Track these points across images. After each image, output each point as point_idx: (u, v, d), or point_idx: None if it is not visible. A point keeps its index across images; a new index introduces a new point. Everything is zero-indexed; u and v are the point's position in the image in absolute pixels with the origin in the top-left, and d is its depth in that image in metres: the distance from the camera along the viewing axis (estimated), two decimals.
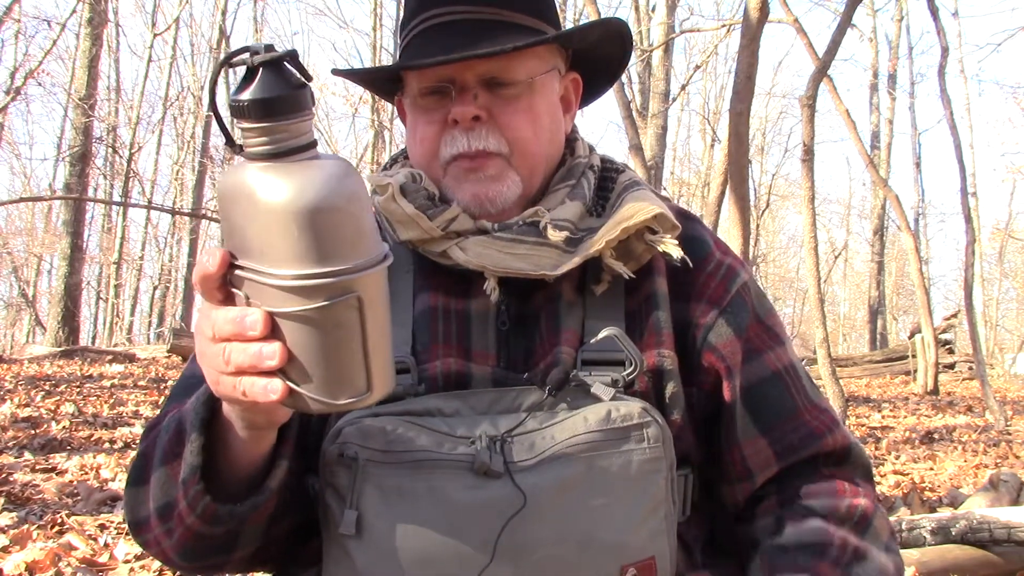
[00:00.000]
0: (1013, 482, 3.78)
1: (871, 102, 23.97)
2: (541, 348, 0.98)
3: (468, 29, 0.98)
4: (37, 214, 25.15)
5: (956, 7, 21.39)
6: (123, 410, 6.71)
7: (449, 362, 0.96)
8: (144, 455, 0.92)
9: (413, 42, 1.01)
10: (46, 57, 14.75)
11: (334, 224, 0.59)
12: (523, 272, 0.95)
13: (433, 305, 0.99)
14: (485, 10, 0.99)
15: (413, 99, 1.02)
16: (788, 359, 1.06)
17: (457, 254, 0.96)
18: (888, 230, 23.88)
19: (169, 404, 0.99)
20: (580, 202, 1.01)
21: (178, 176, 23.78)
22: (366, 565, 0.86)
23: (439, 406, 0.91)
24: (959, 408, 9.63)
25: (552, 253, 0.96)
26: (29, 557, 2.62)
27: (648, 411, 0.92)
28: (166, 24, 22.21)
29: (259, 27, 26.73)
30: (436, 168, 1.01)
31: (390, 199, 0.98)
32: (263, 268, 0.60)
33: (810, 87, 7.03)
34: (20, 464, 4.37)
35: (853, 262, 32.55)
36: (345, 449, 0.88)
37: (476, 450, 0.87)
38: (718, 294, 1.04)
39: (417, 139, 1.02)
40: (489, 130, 0.98)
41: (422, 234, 0.97)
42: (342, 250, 0.59)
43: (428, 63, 0.96)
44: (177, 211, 20.08)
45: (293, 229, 0.58)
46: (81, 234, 15.73)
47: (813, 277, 7.18)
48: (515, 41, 0.96)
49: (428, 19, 1.00)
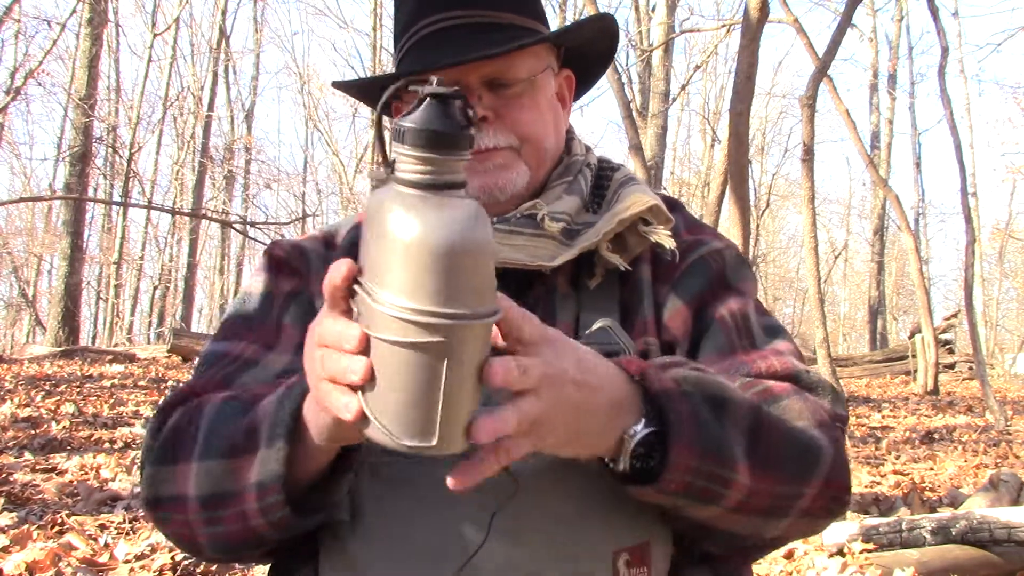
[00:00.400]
0: (1013, 482, 3.78)
1: (871, 102, 23.99)
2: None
3: (466, 33, 1.00)
4: (37, 214, 25.18)
5: (956, 7, 21.44)
6: (123, 410, 6.71)
7: None
8: (177, 433, 0.91)
9: (412, 49, 1.03)
10: (46, 57, 14.74)
11: (460, 268, 0.59)
12: (520, 263, 0.96)
13: None
14: (479, 13, 1.01)
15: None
16: (740, 307, 1.02)
17: None
18: (888, 230, 23.89)
19: (197, 377, 1.00)
20: (577, 197, 1.03)
21: (178, 176, 23.78)
22: (359, 551, 0.87)
23: None
24: (959, 408, 9.64)
25: (549, 245, 0.98)
26: (29, 557, 2.62)
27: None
28: (166, 24, 22.22)
29: (259, 27, 26.77)
30: None
31: None
32: (377, 290, 0.60)
33: (810, 87, 7.03)
34: (20, 464, 4.37)
35: (853, 262, 32.56)
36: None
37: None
38: (671, 271, 1.03)
39: None
40: (497, 129, 1.00)
41: None
42: (459, 295, 0.59)
43: (434, 67, 0.97)
44: (177, 211, 20.07)
45: (421, 262, 0.58)
46: (81, 234, 15.74)
47: (813, 277, 7.18)
48: (511, 43, 0.98)
49: (425, 26, 1.02)
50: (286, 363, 0.99)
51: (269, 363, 0.99)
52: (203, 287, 28.96)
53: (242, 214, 25.32)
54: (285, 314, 1.03)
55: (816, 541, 2.98)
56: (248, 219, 20.33)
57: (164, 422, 0.94)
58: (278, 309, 1.04)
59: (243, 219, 20.74)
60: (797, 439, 0.85)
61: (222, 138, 25.85)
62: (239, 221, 19.87)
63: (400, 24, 1.05)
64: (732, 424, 0.80)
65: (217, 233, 26.29)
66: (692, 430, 0.77)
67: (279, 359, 1.00)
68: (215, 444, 0.86)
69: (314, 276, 1.04)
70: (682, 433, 0.77)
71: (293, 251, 1.08)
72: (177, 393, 0.98)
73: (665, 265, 1.03)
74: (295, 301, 1.04)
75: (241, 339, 1.02)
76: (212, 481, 0.85)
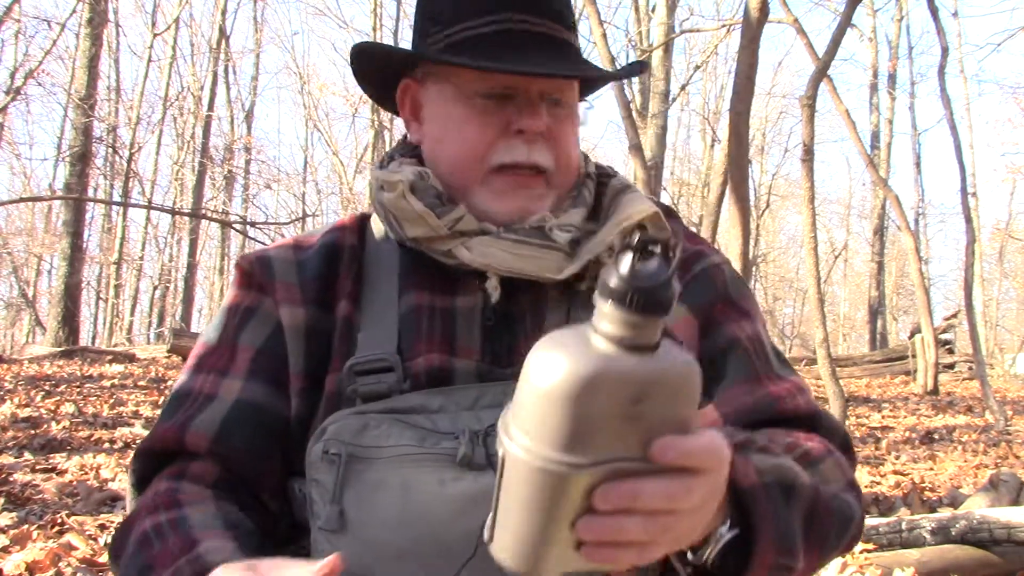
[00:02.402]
0: (1013, 482, 3.78)
1: (871, 102, 23.99)
2: (525, 344, 0.96)
3: (544, 42, 0.99)
4: (37, 214, 25.18)
5: (956, 7, 21.39)
6: (123, 410, 6.71)
7: (432, 358, 0.96)
8: (117, 538, 0.95)
9: (480, 42, 0.98)
10: (46, 57, 14.76)
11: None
12: (527, 273, 0.96)
13: (419, 303, 1.00)
14: (551, 25, 1.00)
15: (467, 98, 0.99)
16: (753, 331, 1.03)
17: (462, 253, 0.97)
18: (888, 230, 23.88)
19: (162, 422, 1.01)
20: (583, 208, 1.03)
21: (178, 176, 23.77)
22: (350, 559, 0.86)
23: (423, 403, 0.93)
24: (959, 408, 9.64)
25: (556, 256, 0.97)
26: (29, 557, 2.62)
27: None
28: (166, 24, 22.21)
29: (259, 27, 26.76)
30: (473, 172, 1.00)
31: (400, 196, 0.98)
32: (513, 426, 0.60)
33: (810, 87, 7.03)
34: (20, 464, 4.37)
35: (853, 262, 32.56)
36: (329, 446, 0.89)
37: (459, 444, 0.88)
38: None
39: (462, 138, 0.99)
40: (546, 146, 0.99)
41: (429, 232, 0.98)
42: (580, 443, 0.57)
43: (524, 72, 0.96)
44: (177, 211, 20.06)
45: (550, 405, 0.57)
46: (81, 234, 15.73)
47: (813, 277, 7.18)
48: (579, 62, 1.01)
49: (497, 22, 0.98)
50: (238, 390, 1.00)
51: (224, 393, 1.00)
52: (203, 287, 28.97)
53: (242, 214, 25.32)
54: (241, 333, 1.03)
55: None
56: (248, 219, 20.34)
57: (143, 479, 1.00)
58: (235, 328, 1.04)
59: (243, 219, 20.75)
60: (838, 512, 0.87)
61: (222, 138, 25.85)
62: (239, 221, 19.88)
63: (449, 10, 1.01)
64: (798, 512, 0.81)
65: (217, 233, 26.30)
66: (774, 529, 0.77)
67: (232, 385, 1.00)
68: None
69: (278, 284, 1.03)
70: (766, 534, 0.77)
71: (256, 263, 1.06)
72: (146, 443, 1.01)
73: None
74: (253, 318, 1.03)
75: (201, 369, 1.03)
76: None
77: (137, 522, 0.93)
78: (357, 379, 0.95)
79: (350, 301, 1.01)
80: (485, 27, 0.98)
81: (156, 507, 0.93)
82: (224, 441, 0.98)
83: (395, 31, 22.99)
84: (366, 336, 0.99)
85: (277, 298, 1.02)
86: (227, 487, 0.98)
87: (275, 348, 1.01)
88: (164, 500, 0.94)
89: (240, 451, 0.98)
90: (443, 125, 1.01)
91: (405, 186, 0.98)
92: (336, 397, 0.97)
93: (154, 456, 1.01)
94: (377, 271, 1.03)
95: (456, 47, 0.99)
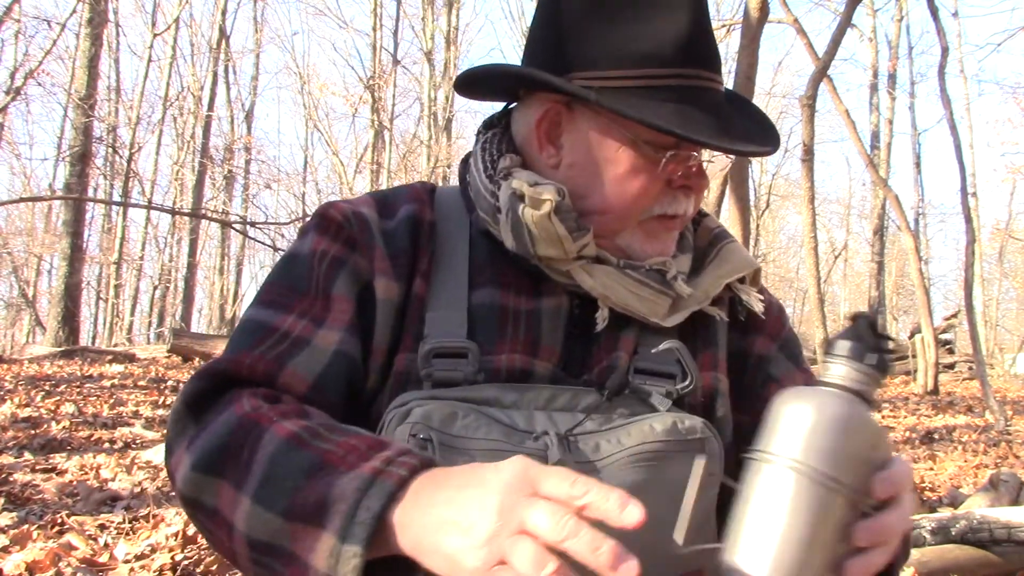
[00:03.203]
0: (1013, 482, 3.78)
1: (871, 102, 23.98)
2: (599, 352, 1.00)
3: (723, 101, 0.99)
4: (37, 214, 25.17)
5: (956, 7, 21.41)
6: (123, 410, 6.71)
7: (515, 358, 0.97)
8: (228, 449, 0.82)
9: (665, 94, 0.94)
10: (46, 57, 14.74)
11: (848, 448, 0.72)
12: (639, 314, 0.99)
13: (503, 303, 0.99)
14: (717, 79, 0.99)
15: (634, 144, 0.96)
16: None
17: (583, 278, 0.98)
18: (888, 230, 23.88)
19: (243, 348, 0.92)
20: (690, 253, 1.06)
21: (178, 176, 23.78)
22: None
23: (497, 396, 0.92)
24: (959, 408, 9.64)
25: (667, 302, 1.00)
26: (29, 557, 2.62)
27: (708, 427, 0.95)
28: (166, 24, 22.22)
29: (259, 27, 26.77)
30: (632, 218, 0.99)
31: (545, 217, 0.95)
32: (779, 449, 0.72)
33: (810, 87, 7.03)
34: (20, 464, 4.37)
35: (853, 262, 32.56)
36: (417, 431, 0.86)
37: (547, 445, 0.88)
38: (776, 329, 1.11)
39: (626, 187, 0.97)
40: (694, 199, 1.03)
41: (561, 254, 0.97)
42: (843, 467, 0.71)
43: (762, 151, 0.99)
44: (177, 211, 20.06)
45: (829, 433, 0.71)
46: (81, 234, 15.73)
47: (813, 277, 7.18)
48: (763, 125, 1.03)
49: (683, 76, 0.95)
50: (337, 342, 0.93)
51: (320, 342, 0.93)
52: (203, 287, 28.96)
53: (242, 214, 25.33)
54: (335, 282, 0.97)
55: None
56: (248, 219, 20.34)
57: (203, 395, 0.88)
58: (326, 276, 0.98)
59: (243, 219, 20.75)
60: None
61: (222, 138, 25.85)
62: (239, 221, 19.89)
63: (620, 49, 0.95)
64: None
65: (217, 233, 26.29)
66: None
67: (330, 336, 0.94)
68: (275, 495, 0.77)
69: (377, 250, 0.99)
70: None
71: (354, 218, 1.01)
72: (222, 364, 0.91)
73: (748, 316, 1.09)
74: (344, 269, 0.98)
75: (288, 310, 0.96)
76: (268, 532, 0.77)
77: (264, 423, 0.82)
78: (433, 361, 0.93)
79: (424, 279, 0.99)
80: (671, 79, 0.94)
81: (287, 414, 0.83)
82: (322, 391, 0.91)
83: (395, 31, 23.02)
84: (435, 317, 0.97)
85: (375, 266, 0.98)
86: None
87: (365, 309, 0.97)
88: (294, 409, 0.85)
89: (336, 406, 0.91)
90: (599, 164, 0.98)
91: (552, 207, 0.95)
92: (404, 377, 0.94)
93: (229, 380, 0.90)
94: (449, 252, 1.02)
95: (637, 95, 0.94)
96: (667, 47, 0.94)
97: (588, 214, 0.99)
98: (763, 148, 0.98)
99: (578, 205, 0.98)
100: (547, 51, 1.00)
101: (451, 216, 1.05)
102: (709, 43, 0.97)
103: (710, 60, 0.97)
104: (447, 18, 24.31)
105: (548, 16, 1.01)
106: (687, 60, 0.94)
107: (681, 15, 0.95)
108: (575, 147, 0.99)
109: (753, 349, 1.08)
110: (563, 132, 1.00)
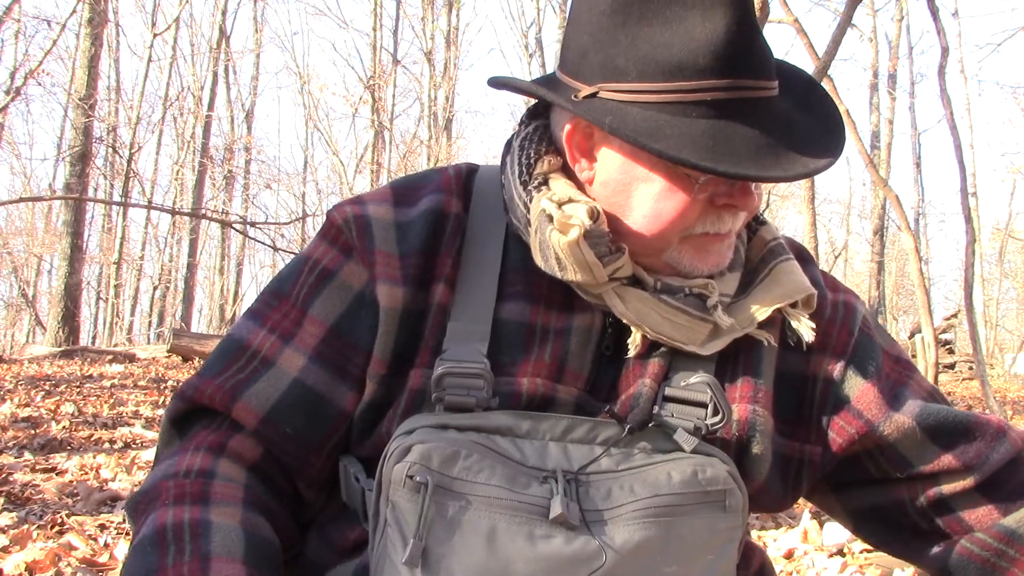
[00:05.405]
0: None
1: (871, 102, 23.98)
2: (626, 378, 0.94)
3: (776, 108, 0.87)
4: (37, 214, 25.16)
5: (956, 7, 21.35)
6: (123, 410, 6.71)
7: (536, 382, 0.91)
8: (139, 504, 0.93)
9: (701, 110, 0.84)
10: (46, 57, 14.71)
11: None
12: (675, 342, 0.91)
13: (532, 321, 0.93)
14: (767, 85, 0.87)
15: (672, 164, 0.87)
16: (929, 384, 1.05)
17: (615, 304, 0.90)
18: (888, 230, 23.88)
19: (213, 374, 0.95)
20: (739, 273, 0.97)
21: (178, 176, 23.77)
22: None
23: (510, 425, 0.86)
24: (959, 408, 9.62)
25: (706, 329, 0.92)
26: (29, 557, 2.62)
27: (733, 477, 0.87)
28: (166, 24, 22.19)
29: (259, 27, 26.75)
30: (672, 239, 0.91)
31: (574, 243, 0.87)
32: None
33: None
34: (20, 464, 4.37)
35: (853, 262, 32.55)
36: (413, 471, 0.82)
37: (551, 492, 0.82)
38: (842, 342, 0.99)
39: (665, 210, 0.89)
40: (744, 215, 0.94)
41: (591, 280, 0.89)
42: None
43: (789, 178, 0.86)
44: (177, 211, 20.05)
45: None
46: (81, 234, 15.73)
47: None
48: (827, 140, 0.91)
49: (721, 88, 0.84)
50: (299, 368, 0.93)
51: (284, 364, 0.94)
52: (203, 287, 28.97)
53: (242, 214, 25.31)
54: (314, 299, 0.95)
55: (816, 541, 2.98)
56: (248, 219, 20.33)
57: (183, 415, 0.96)
58: (309, 290, 0.96)
59: (243, 219, 20.73)
60: None
61: (222, 138, 25.86)
62: (239, 221, 19.87)
63: (649, 58, 0.84)
64: None
65: (217, 233, 26.28)
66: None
67: (294, 359, 0.94)
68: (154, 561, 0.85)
69: (377, 254, 0.94)
70: None
71: (354, 223, 0.96)
72: (190, 390, 0.95)
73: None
74: (330, 282, 0.95)
75: (264, 322, 0.96)
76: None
77: (163, 497, 0.88)
78: (446, 386, 0.88)
79: (447, 286, 0.93)
80: (706, 93, 0.84)
81: (183, 495, 0.88)
82: (273, 424, 0.92)
83: (395, 31, 23.01)
84: (457, 329, 0.91)
85: (376, 272, 0.93)
86: (265, 470, 0.93)
87: (349, 328, 0.94)
88: (194, 489, 0.89)
89: (288, 438, 0.92)
90: (632, 183, 0.90)
91: (580, 232, 0.87)
92: (420, 396, 0.91)
93: (196, 407, 0.95)
94: (478, 254, 0.95)
95: (669, 111, 0.84)
96: (702, 55, 0.82)
97: (624, 235, 0.91)
98: (813, 166, 0.85)
99: (613, 225, 0.91)
100: (576, 57, 0.90)
101: (487, 209, 0.98)
102: (753, 46, 0.84)
103: (756, 66, 0.85)
104: (447, 18, 24.30)
105: (578, 14, 0.90)
106: (725, 70, 0.83)
107: (718, 16, 0.82)
108: (607, 163, 0.91)
109: (817, 372, 0.98)
110: (596, 145, 0.92)
